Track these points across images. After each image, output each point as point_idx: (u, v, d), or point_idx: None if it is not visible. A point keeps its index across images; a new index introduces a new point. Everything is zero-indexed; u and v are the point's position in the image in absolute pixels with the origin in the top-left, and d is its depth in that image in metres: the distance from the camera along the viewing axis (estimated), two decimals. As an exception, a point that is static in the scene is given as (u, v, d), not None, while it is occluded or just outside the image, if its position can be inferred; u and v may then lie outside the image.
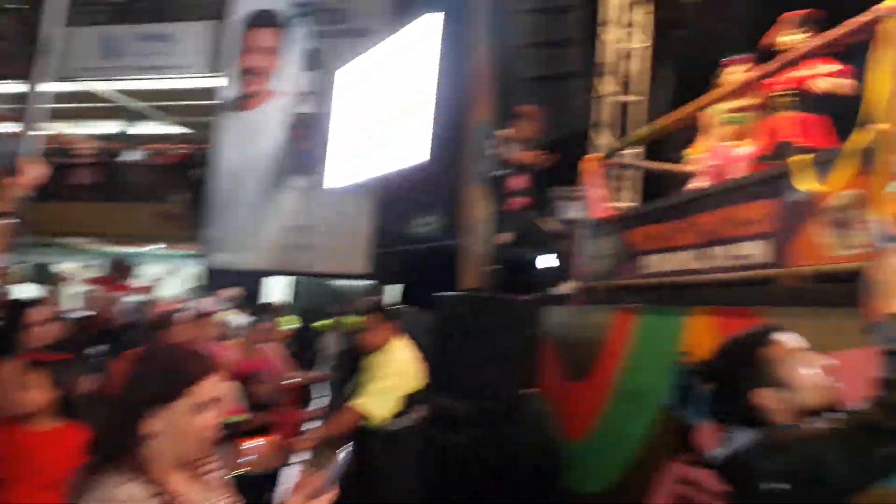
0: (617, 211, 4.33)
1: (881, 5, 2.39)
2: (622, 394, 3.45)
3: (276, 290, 9.01)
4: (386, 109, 7.09)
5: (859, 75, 2.55)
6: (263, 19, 9.47)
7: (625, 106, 6.25)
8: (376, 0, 8.92)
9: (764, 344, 1.63)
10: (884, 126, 2.18)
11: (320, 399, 4.88)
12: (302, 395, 4.98)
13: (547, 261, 5.26)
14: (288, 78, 9.30)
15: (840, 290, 1.86)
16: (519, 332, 4.23)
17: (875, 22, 2.37)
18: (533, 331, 4.29)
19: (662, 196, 4.19)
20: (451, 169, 5.55)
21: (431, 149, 5.88)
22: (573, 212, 4.59)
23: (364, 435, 3.08)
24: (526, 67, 6.22)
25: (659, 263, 3.41)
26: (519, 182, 5.58)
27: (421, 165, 6.02)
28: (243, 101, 9.49)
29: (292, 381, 4.54)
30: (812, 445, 1.43)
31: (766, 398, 1.57)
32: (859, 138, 2.28)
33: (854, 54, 2.58)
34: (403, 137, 6.55)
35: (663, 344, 3.05)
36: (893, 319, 1.44)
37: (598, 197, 4.22)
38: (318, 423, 3.49)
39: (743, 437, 1.57)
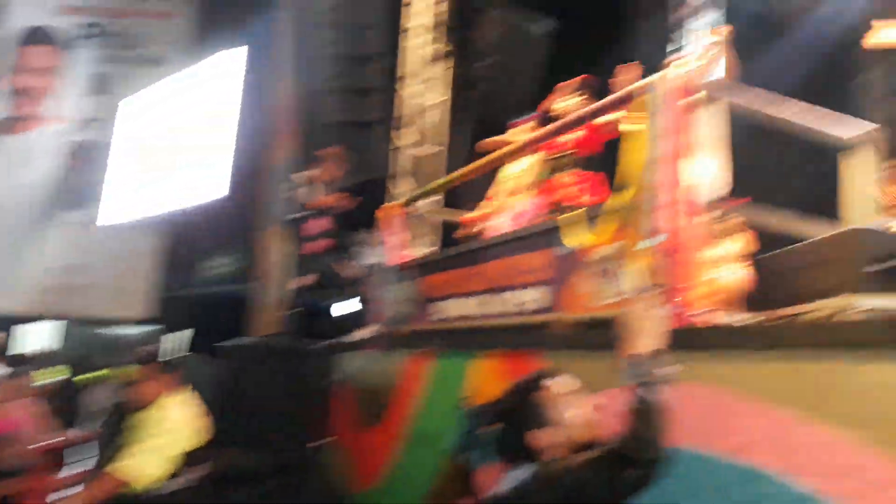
0: (414, 257, 4.42)
1: (638, 82, 2.73)
2: (412, 439, 3.46)
3: (43, 337, 7.97)
4: (180, 142, 6.70)
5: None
6: (39, 37, 8.58)
7: (424, 156, 6.49)
8: (173, 28, 8.54)
9: (536, 389, 1.78)
10: (636, 190, 2.46)
11: (81, 462, 4.33)
12: (60, 458, 4.39)
13: (346, 306, 5.21)
14: (67, 102, 8.48)
15: (604, 335, 2.03)
16: (312, 379, 4.12)
17: (630, 96, 2.69)
18: (327, 378, 4.20)
19: (461, 244, 4.35)
20: (248, 209, 5.35)
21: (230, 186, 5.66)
22: (372, 257, 4.61)
23: (127, 501, 2.77)
24: (328, 112, 6.24)
25: (451, 309, 3.52)
26: (319, 225, 5.50)
27: (215, 205, 5.75)
28: (10, 125, 8.46)
29: (48, 442, 4.02)
30: (577, 475, 1.59)
31: (540, 437, 1.70)
32: (617, 199, 2.55)
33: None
34: (200, 172, 6.22)
35: (452, 388, 3.12)
36: (641, 359, 1.61)
37: (396, 243, 4.29)
38: (76, 490, 3.08)
39: (521, 474, 1.68)
